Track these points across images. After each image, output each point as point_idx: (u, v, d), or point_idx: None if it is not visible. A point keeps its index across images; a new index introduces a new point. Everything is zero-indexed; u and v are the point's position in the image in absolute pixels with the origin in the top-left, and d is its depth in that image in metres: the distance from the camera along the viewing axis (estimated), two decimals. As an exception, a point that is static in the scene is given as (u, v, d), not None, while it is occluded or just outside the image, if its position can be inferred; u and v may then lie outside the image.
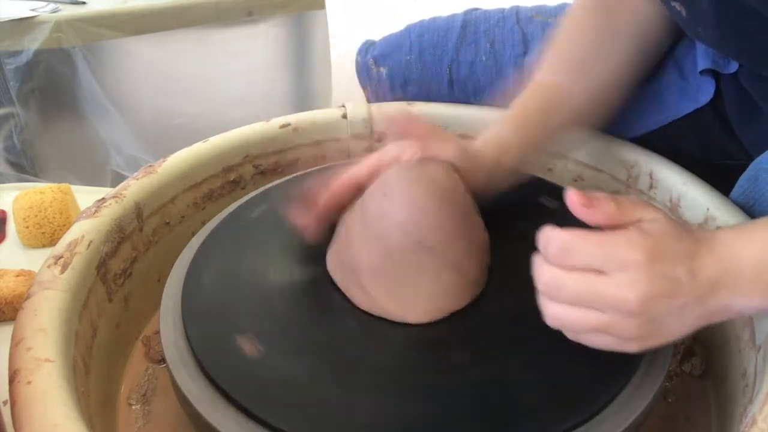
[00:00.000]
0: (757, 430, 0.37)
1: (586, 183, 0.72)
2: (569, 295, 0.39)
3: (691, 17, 0.54)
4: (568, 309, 0.39)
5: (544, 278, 0.40)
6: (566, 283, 0.39)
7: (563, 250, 0.39)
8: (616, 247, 0.38)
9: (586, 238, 0.39)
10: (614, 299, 0.38)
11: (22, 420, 0.38)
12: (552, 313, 0.40)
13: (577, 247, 0.39)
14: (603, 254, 0.38)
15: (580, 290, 0.39)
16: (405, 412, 0.41)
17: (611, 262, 0.38)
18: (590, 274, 0.38)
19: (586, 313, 0.39)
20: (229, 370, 0.44)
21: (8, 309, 0.65)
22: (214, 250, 0.55)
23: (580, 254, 0.39)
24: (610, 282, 0.38)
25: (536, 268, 0.41)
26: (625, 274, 0.38)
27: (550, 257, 0.39)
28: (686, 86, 0.65)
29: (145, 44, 1.32)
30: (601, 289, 0.38)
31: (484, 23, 0.76)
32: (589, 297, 0.39)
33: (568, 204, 0.40)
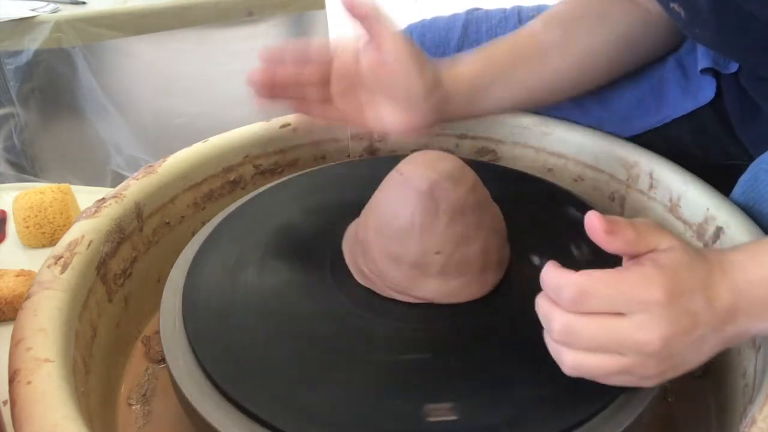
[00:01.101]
0: (757, 429, 0.37)
1: (586, 183, 0.72)
2: (588, 342, 0.37)
3: (690, 18, 0.54)
4: (588, 355, 0.37)
5: (558, 326, 0.37)
6: (583, 330, 0.37)
7: (579, 295, 0.37)
8: (633, 288, 0.37)
9: (602, 280, 0.37)
10: (637, 343, 0.36)
11: (22, 420, 0.38)
12: (570, 362, 0.38)
13: (593, 291, 0.37)
14: (620, 296, 0.37)
15: (600, 336, 0.37)
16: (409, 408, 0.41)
17: (630, 303, 0.37)
18: (608, 317, 0.37)
19: (607, 358, 0.37)
20: (229, 370, 0.44)
21: (8, 309, 0.65)
22: (214, 250, 0.55)
23: (597, 298, 0.37)
24: (629, 324, 0.36)
25: (546, 314, 0.38)
26: (645, 315, 0.36)
27: (563, 302, 0.37)
28: (687, 85, 0.65)
29: (145, 44, 1.32)
30: (621, 333, 0.36)
31: (485, 23, 0.76)
32: (609, 341, 0.37)
33: (587, 228, 0.38)
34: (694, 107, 0.65)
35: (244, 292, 0.51)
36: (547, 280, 0.38)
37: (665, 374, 0.39)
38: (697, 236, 0.59)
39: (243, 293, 0.51)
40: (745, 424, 0.38)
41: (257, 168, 0.71)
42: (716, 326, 0.38)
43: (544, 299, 0.39)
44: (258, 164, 0.71)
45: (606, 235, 0.38)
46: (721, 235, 0.55)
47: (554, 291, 0.38)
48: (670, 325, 0.36)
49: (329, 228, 0.57)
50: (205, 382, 0.44)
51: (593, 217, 0.38)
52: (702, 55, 0.62)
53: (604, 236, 0.38)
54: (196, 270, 0.53)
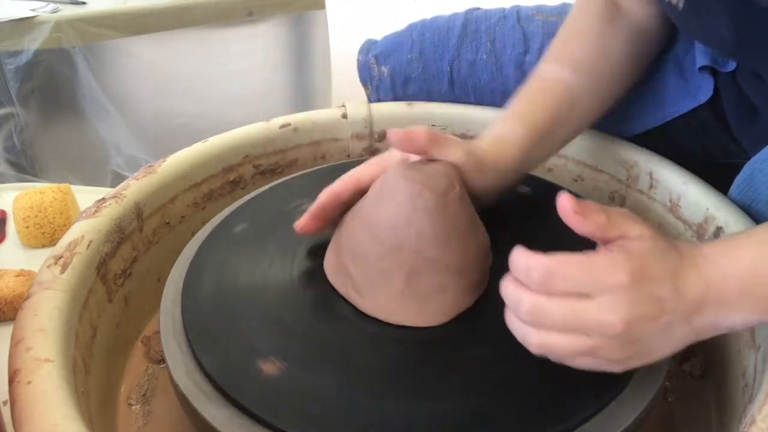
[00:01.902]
0: (757, 429, 0.37)
1: (586, 183, 0.72)
2: (554, 322, 0.38)
3: (687, 10, 0.54)
4: (554, 335, 0.38)
5: (525, 306, 0.39)
6: (551, 310, 0.38)
7: (547, 275, 0.38)
8: (599, 271, 0.38)
9: (569, 262, 0.38)
10: (600, 323, 0.37)
11: (22, 420, 0.38)
12: (537, 341, 0.39)
13: (560, 272, 0.38)
14: (587, 278, 0.38)
15: (566, 316, 0.38)
16: (404, 415, 0.41)
17: (595, 285, 0.37)
18: (574, 298, 0.38)
19: (573, 338, 0.38)
20: (229, 370, 0.44)
21: (8, 309, 0.65)
22: (214, 250, 0.55)
23: (564, 279, 0.38)
24: (594, 306, 0.37)
25: (513, 295, 0.39)
26: (609, 297, 0.37)
27: (532, 284, 0.38)
28: (686, 84, 0.65)
29: (145, 44, 1.32)
30: (586, 314, 0.37)
31: (485, 22, 0.76)
32: (575, 322, 0.38)
33: (558, 208, 0.39)
34: (693, 106, 0.65)
35: (244, 292, 0.51)
36: (517, 262, 0.39)
37: (632, 360, 0.39)
38: (697, 236, 0.59)
39: (243, 293, 0.51)
40: (745, 423, 0.38)
41: (257, 168, 0.71)
42: (685, 316, 0.39)
43: (512, 281, 0.39)
44: (258, 164, 0.71)
45: (576, 215, 0.39)
46: (721, 235, 0.55)
47: (523, 272, 0.39)
48: (633, 308, 0.37)
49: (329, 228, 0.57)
50: (205, 382, 0.44)
51: (565, 199, 0.39)
52: (700, 53, 0.62)
53: (574, 217, 0.39)
54: (196, 270, 0.53)
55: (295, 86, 1.57)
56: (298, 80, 1.56)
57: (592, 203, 0.40)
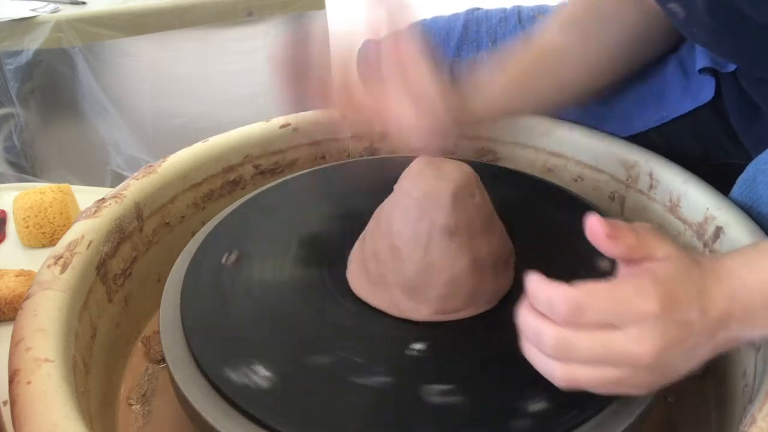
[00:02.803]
0: (757, 429, 0.37)
1: (586, 183, 0.72)
2: (582, 356, 0.36)
3: (688, 18, 0.54)
4: (581, 368, 0.37)
5: (550, 341, 0.36)
6: (579, 344, 0.36)
7: (575, 309, 0.36)
8: (628, 300, 0.36)
9: (597, 293, 0.36)
10: (629, 355, 0.36)
11: (22, 420, 0.38)
12: (564, 376, 0.37)
13: (589, 304, 0.36)
14: (616, 309, 0.36)
15: (594, 349, 0.36)
16: (404, 415, 0.41)
17: (624, 316, 0.36)
18: (602, 330, 0.36)
19: (600, 371, 0.37)
20: (229, 370, 0.44)
21: (8, 309, 0.65)
22: (214, 250, 0.55)
23: (593, 312, 0.36)
24: (623, 337, 0.36)
25: (534, 328, 0.37)
26: (638, 327, 0.36)
27: (557, 317, 0.36)
28: (688, 84, 0.65)
29: (145, 44, 1.32)
30: (615, 346, 0.36)
31: (486, 22, 0.76)
32: (603, 354, 0.36)
33: (588, 232, 0.38)
34: (694, 106, 0.65)
35: (244, 292, 0.51)
36: (538, 294, 0.37)
37: (657, 383, 0.38)
38: (697, 236, 0.59)
39: (243, 293, 0.51)
40: (745, 423, 0.38)
41: (257, 168, 0.71)
42: (709, 334, 0.38)
43: (532, 313, 0.37)
44: (258, 164, 0.71)
45: (608, 239, 0.37)
46: (721, 235, 0.55)
47: (546, 305, 0.37)
48: (663, 337, 0.36)
49: (329, 228, 0.57)
50: (205, 382, 0.44)
51: (595, 222, 0.38)
52: (701, 55, 0.62)
53: (606, 241, 0.37)
54: (196, 270, 0.53)
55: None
56: (298, 80, 1.56)
57: (621, 224, 0.38)
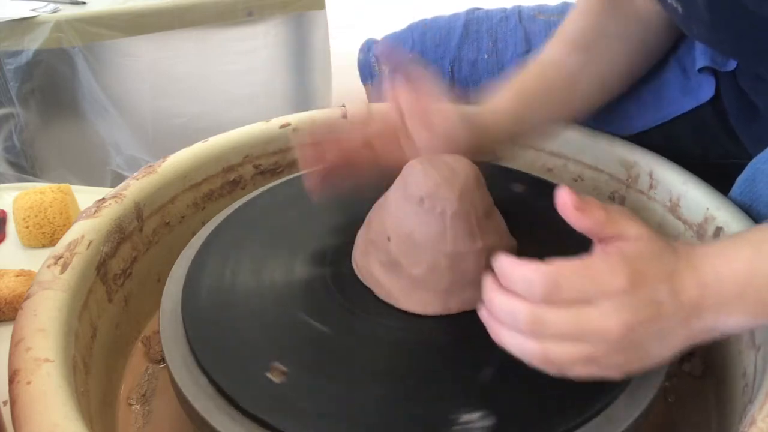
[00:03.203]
0: (757, 429, 0.37)
1: (586, 183, 0.72)
2: (556, 331, 0.37)
3: (686, 14, 0.54)
4: (554, 344, 0.37)
5: (525, 317, 0.37)
6: (553, 320, 0.37)
7: (552, 285, 0.37)
8: (599, 276, 0.37)
9: (571, 270, 0.37)
10: (600, 329, 0.37)
11: (22, 420, 0.38)
12: (538, 352, 0.38)
13: (564, 281, 0.37)
14: (588, 285, 0.37)
15: (567, 324, 0.37)
16: (404, 415, 0.41)
17: (596, 292, 0.37)
18: (576, 306, 0.37)
19: (573, 346, 0.37)
20: (229, 370, 0.44)
21: (8, 309, 0.65)
22: (214, 250, 0.55)
23: (569, 289, 0.37)
24: (595, 312, 0.37)
25: (507, 307, 0.38)
26: (609, 302, 0.37)
27: (534, 295, 0.37)
28: (687, 83, 0.65)
29: (145, 44, 1.32)
30: (587, 321, 0.37)
31: (486, 22, 0.76)
32: (576, 330, 0.37)
33: (557, 203, 0.39)
34: (694, 105, 0.65)
35: (244, 292, 0.51)
36: (513, 273, 0.38)
37: (630, 365, 0.39)
38: (697, 236, 0.59)
39: (243, 293, 0.51)
40: (745, 424, 0.38)
41: (257, 168, 0.71)
42: (682, 319, 0.38)
43: (503, 293, 0.38)
44: (258, 164, 0.71)
45: (576, 211, 0.38)
46: (721, 235, 0.55)
47: (523, 284, 0.37)
48: (632, 313, 0.37)
49: (329, 228, 0.57)
50: (205, 382, 0.44)
51: (564, 193, 0.38)
52: (700, 54, 0.62)
53: (574, 212, 0.38)
54: (196, 270, 0.53)
55: (295, 86, 1.57)
56: (298, 80, 1.56)
57: (591, 199, 0.39)
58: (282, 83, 1.54)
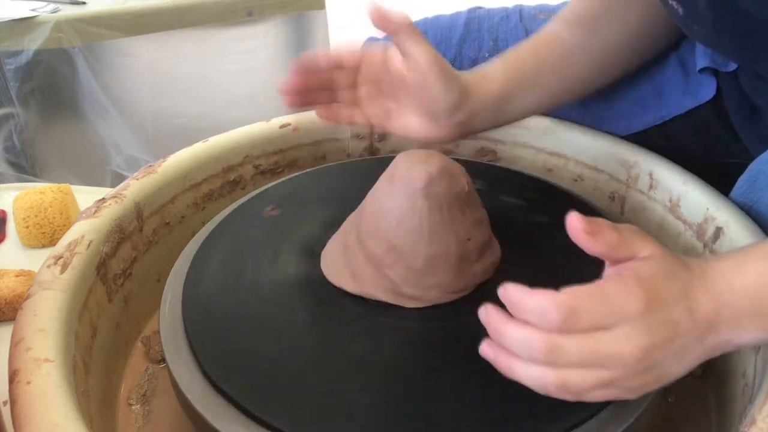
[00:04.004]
0: (757, 429, 0.37)
1: (586, 183, 0.72)
2: (573, 359, 0.36)
3: (687, 15, 0.54)
4: (572, 372, 0.37)
5: (541, 346, 0.36)
6: (569, 347, 0.36)
7: (570, 313, 0.36)
8: (614, 301, 0.36)
9: (586, 296, 0.36)
10: (618, 354, 0.36)
11: (22, 420, 0.38)
12: (557, 382, 0.37)
13: (581, 309, 0.36)
14: (604, 310, 0.36)
15: (584, 351, 0.36)
16: (403, 414, 0.41)
17: (612, 316, 0.36)
18: (593, 332, 0.36)
19: (591, 373, 0.37)
20: (229, 370, 0.44)
21: (8, 309, 0.65)
22: (214, 250, 0.55)
23: (587, 315, 0.36)
24: (611, 337, 0.36)
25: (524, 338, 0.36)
26: (625, 327, 0.36)
27: (550, 324, 0.36)
28: (688, 83, 0.65)
29: (145, 44, 1.32)
30: (603, 347, 0.36)
31: (487, 21, 0.76)
32: (593, 356, 0.36)
33: (568, 229, 0.38)
34: (695, 105, 0.65)
35: (244, 292, 0.51)
36: (526, 303, 0.36)
37: (648, 385, 0.38)
38: (697, 236, 0.59)
39: (243, 293, 0.51)
40: (745, 424, 0.38)
41: (257, 168, 0.71)
42: (698, 336, 0.38)
43: (516, 324, 0.37)
44: (258, 164, 0.71)
45: (587, 236, 0.37)
46: (721, 235, 0.55)
47: (537, 313, 0.36)
48: (650, 335, 0.36)
49: (329, 228, 0.57)
50: (205, 382, 0.44)
51: (574, 218, 0.37)
52: (700, 54, 0.62)
53: (584, 237, 0.37)
54: (196, 270, 0.53)
55: (295, 86, 1.56)
56: (298, 80, 1.56)
57: (602, 221, 0.38)
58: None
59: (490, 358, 0.38)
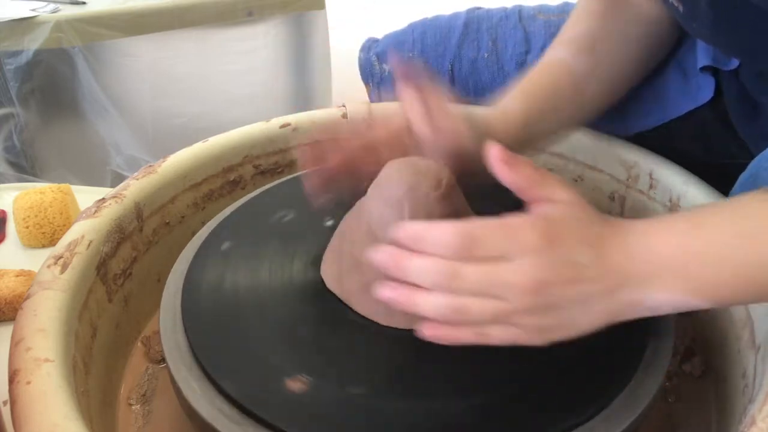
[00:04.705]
0: (756, 429, 0.37)
1: (586, 183, 0.72)
2: (470, 286, 0.37)
3: (688, 13, 0.54)
4: (470, 299, 0.37)
5: (441, 269, 0.37)
6: (468, 273, 0.37)
7: (469, 240, 0.37)
8: (515, 233, 0.37)
9: (488, 225, 0.37)
10: (512, 284, 0.36)
11: (22, 420, 0.38)
12: (453, 307, 0.37)
13: (481, 235, 0.37)
14: (503, 241, 0.37)
15: (481, 279, 0.37)
16: (403, 415, 0.41)
17: (511, 248, 0.37)
18: (493, 261, 0.37)
19: (489, 302, 0.37)
20: (229, 370, 0.44)
21: (8, 309, 0.65)
22: (214, 250, 0.55)
23: (485, 243, 0.37)
24: (509, 267, 0.37)
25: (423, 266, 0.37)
26: (523, 259, 0.37)
27: (451, 250, 0.37)
28: (687, 85, 0.65)
29: (145, 44, 1.32)
30: (499, 276, 0.37)
31: (486, 21, 0.76)
32: (489, 284, 0.37)
33: (488, 158, 0.39)
34: (693, 107, 0.65)
35: (244, 292, 0.51)
36: (426, 234, 0.37)
37: (552, 331, 0.38)
38: (697, 236, 0.59)
39: (243, 293, 0.51)
40: (745, 423, 0.38)
41: (257, 168, 0.71)
42: (606, 287, 0.38)
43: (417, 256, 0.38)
44: (258, 164, 0.71)
45: (503, 165, 0.39)
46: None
47: (437, 241, 0.37)
48: (547, 270, 0.37)
49: (329, 228, 0.57)
50: (205, 382, 0.44)
51: (496, 148, 0.39)
52: (702, 53, 0.62)
53: (501, 166, 0.39)
54: (196, 270, 0.53)
55: (295, 86, 1.56)
56: (298, 80, 1.56)
57: (522, 157, 0.39)
58: (282, 83, 1.54)
59: (390, 297, 0.39)
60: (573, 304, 0.38)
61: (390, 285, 0.39)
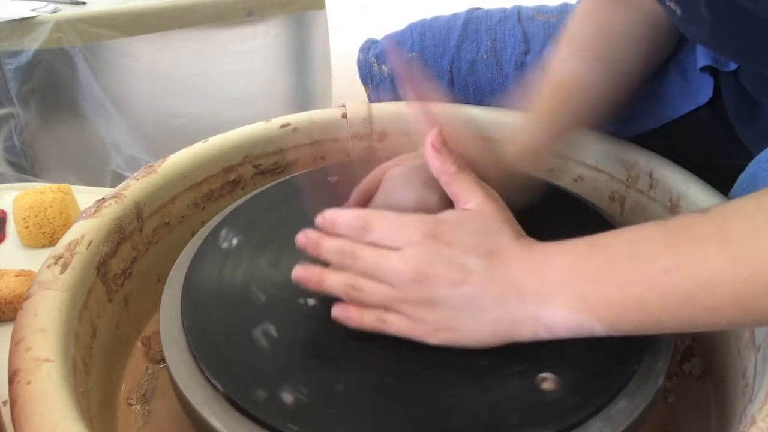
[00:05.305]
0: (756, 429, 0.37)
1: (586, 183, 0.72)
2: (366, 267, 0.42)
3: (686, 16, 0.54)
4: (365, 280, 0.42)
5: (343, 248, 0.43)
6: (365, 256, 0.42)
7: (364, 223, 0.42)
8: (407, 225, 0.42)
9: (387, 215, 0.43)
10: (395, 270, 0.41)
11: (22, 420, 0.38)
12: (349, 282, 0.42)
13: (377, 221, 0.42)
14: (395, 232, 0.42)
15: (374, 262, 0.42)
16: (402, 415, 0.41)
17: (400, 238, 0.41)
18: (383, 248, 0.42)
19: (378, 285, 0.42)
20: (229, 370, 0.44)
21: (8, 309, 0.65)
22: (214, 250, 0.55)
23: (378, 229, 0.42)
24: (395, 255, 0.41)
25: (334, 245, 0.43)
26: (409, 249, 0.41)
27: (351, 231, 0.43)
28: (687, 86, 0.65)
29: (145, 44, 1.32)
30: (388, 262, 0.41)
31: (485, 22, 0.76)
32: (377, 267, 0.42)
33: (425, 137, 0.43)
34: (693, 107, 0.65)
35: (244, 292, 0.51)
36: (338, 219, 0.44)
37: (440, 330, 0.41)
38: (697, 236, 0.59)
39: (243, 293, 0.51)
40: (744, 423, 0.38)
41: (257, 168, 0.71)
42: (497, 296, 0.40)
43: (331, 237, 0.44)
44: (258, 164, 0.71)
45: (431, 148, 0.43)
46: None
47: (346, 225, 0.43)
48: (425, 263, 0.40)
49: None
50: (205, 382, 0.44)
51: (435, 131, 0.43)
52: (701, 54, 0.62)
53: (429, 148, 0.44)
54: (196, 270, 0.53)
55: (295, 86, 1.57)
56: (298, 80, 1.56)
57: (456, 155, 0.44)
58: (282, 83, 1.54)
59: (302, 275, 0.44)
60: (460, 305, 0.40)
61: (304, 265, 0.44)
